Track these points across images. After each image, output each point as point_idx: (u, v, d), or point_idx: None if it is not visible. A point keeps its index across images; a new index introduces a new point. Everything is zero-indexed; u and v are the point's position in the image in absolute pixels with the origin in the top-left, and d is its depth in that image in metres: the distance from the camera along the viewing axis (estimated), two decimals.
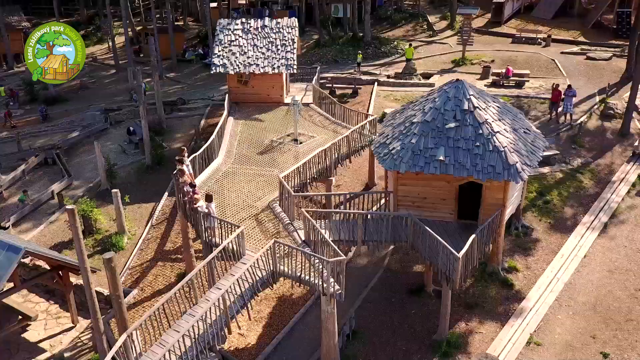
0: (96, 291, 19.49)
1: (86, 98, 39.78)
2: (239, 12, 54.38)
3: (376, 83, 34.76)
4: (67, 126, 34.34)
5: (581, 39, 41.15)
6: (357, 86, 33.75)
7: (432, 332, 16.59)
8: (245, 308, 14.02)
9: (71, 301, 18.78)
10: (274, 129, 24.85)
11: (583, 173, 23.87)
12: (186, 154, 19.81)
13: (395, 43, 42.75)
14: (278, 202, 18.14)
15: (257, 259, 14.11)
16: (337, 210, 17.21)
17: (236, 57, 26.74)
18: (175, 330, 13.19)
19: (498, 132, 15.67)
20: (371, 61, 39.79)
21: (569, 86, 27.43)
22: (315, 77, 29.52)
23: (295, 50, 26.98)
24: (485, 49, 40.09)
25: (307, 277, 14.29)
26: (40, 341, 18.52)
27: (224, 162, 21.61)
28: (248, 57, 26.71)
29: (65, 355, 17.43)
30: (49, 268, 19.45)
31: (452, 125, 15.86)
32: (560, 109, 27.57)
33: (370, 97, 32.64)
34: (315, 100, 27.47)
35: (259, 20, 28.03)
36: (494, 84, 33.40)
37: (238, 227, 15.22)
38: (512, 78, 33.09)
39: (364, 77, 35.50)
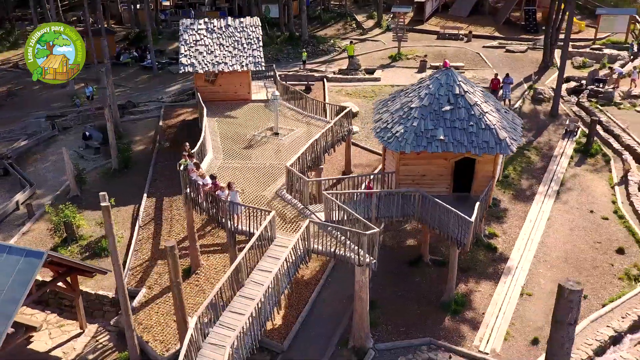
0: (101, 294, 19.52)
1: (18, 105, 37.54)
2: (167, 14, 53.68)
3: (325, 79, 36.38)
4: (7, 135, 32.45)
5: (496, 34, 45.58)
6: (309, 83, 35.15)
7: (439, 296, 18.50)
8: (289, 285, 15.01)
9: (80, 306, 18.51)
10: (249, 124, 25.64)
11: (529, 150, 27.13)
12: (188, 149, 20.14)
13: (332, 41, 44.66)
14: (285, 189, 19.17)
15: (297, 239, 15.13)
16: (357, 190, 18.49)
17: (203, 57, 27.13)
18: (233, 311, 13.89)
19: (487, 112, 17.89)
20: (312, 59, 41.38)
21: (507, 75, 30.83)
22: (277, 74, 30.50)
23: (261, 48, 27.88)
24: (415, 44, 43.19)
25: (340, 252, 15.56)
26: (50, 350, 18.14)
27: (215, 157, 22.15)
28: (215, 56, 27.19)
29: (89, 357, 17.24)
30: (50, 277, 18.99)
31: (447, 108, 17.84)
32: (499, 95, 30.83)
33: (324, 92, 34.20)
34: (281, 95, 28.52)
35: (222, 20, 28.55)
36: None
37: (269, 212, 16.13)
38: None
39: (315, 74, 36.95)
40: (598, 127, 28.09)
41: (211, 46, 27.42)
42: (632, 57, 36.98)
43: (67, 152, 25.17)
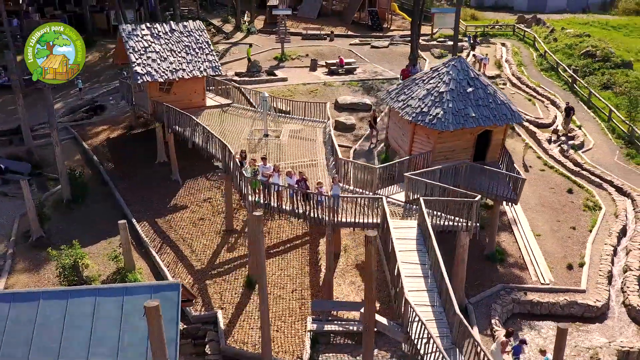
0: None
1: None
2: None
3: (233, 82, 36.07)
4: None
5: (350, 32, 50.31)
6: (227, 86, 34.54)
7: (475, 252, 21.41)
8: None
9: None
10: (226, 129, 24.85)
11: None
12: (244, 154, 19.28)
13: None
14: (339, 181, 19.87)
15: (425, 218, 16.37)
16: (432, 168, 19.91)
17: (158, 64, 25.10)
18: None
19: (496, 91, 21.39)
20: None
21: (414, 65, 35.25)
22: (218, 79, 29.65)
23: (214, 52, 26.95)
24: (289, 46, 45.09)
25: (448, 223, 17.32)
26: None
27: None
28: (171, 63, 25.41)
29: None
30: None
31: (470, 89, 20.79)
32: None
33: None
34: (233, 99, 28.15)
35: (165, 24, 26.64)
36: (331, 73, 38.97)
37: (380, 198, 16.93)
38: (345, 66, 39.24)
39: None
40: None
41: (162, 52, 25.46)
42: (471, 46, 45.13)
43: (26, 185, 20.94)
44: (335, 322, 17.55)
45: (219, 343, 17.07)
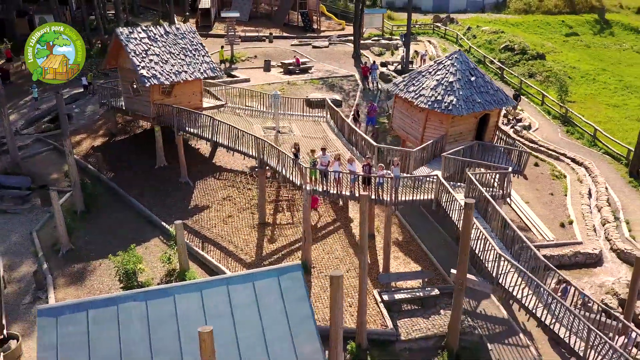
0: None
1: None
2: None
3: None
4: None
5: (284, 34, 51.76)
6: None
7: None
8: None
9: None
10: None
11: None
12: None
13: None
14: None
15: (481, 189, 18.65)
16: (459, 147, 22.06)
17: (161, 67, 24.89)
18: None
19: (491, 79, 24.40)
20: None
21: (374, 62, 37.71)
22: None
23: (209, 54, 27.17)
24: (234, 48, 45.50)
25: (488, 194, 19.83)
26: None
27: None
28: (172, 65, 25.30)
29: None
30: None
31: (473, 78, 23.56)
32: (370, 79, 37.58)
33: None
34: (224, 99, 28.56)
35: (159, 27, 26.31)
36: (289, 72, 40.25)
37: (435, 176, 18.94)
38: (300, 66, 40.72)
39: None
40: None
41: (162, 55, 25.24)
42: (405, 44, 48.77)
43: (56, 197, 19.99)
44: (402, 291, 19.28)
45: None
